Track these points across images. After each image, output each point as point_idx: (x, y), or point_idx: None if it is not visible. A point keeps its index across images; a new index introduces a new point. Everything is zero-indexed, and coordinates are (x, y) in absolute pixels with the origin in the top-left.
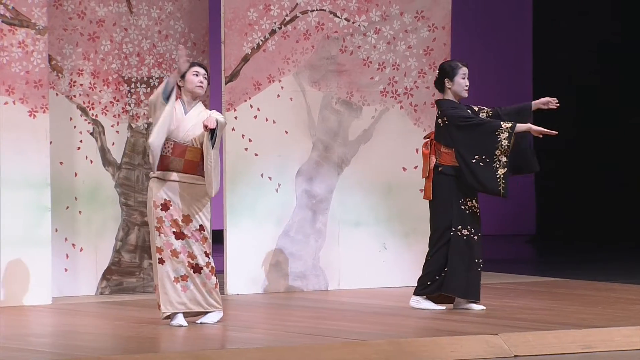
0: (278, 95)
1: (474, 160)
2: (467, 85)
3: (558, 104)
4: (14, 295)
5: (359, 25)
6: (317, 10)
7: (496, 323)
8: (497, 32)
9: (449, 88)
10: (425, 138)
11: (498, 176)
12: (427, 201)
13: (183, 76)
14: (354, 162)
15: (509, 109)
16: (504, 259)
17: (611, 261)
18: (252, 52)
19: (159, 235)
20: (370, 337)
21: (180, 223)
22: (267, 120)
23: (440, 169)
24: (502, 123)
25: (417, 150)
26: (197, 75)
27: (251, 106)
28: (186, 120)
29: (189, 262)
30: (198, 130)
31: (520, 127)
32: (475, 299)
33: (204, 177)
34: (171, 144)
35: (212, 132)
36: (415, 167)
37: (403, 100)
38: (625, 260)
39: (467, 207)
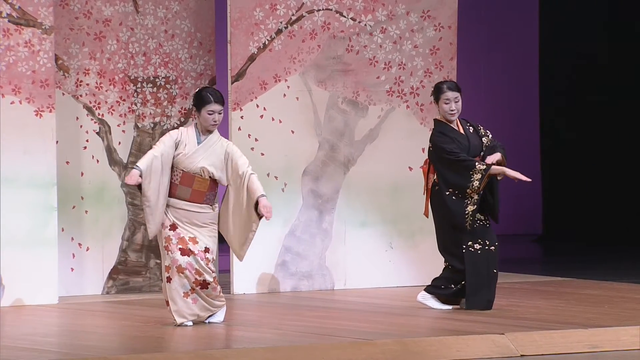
0: (284, 95)
1: (447, 193)
2: (452, 110)
3: (530, 180)
4: (21, 294)
5: (365, 25)
6: (323, 9)
7: (502, 323)
8: (503, 30)
9: (438, 109)
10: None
11: (467, 212)
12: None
13: (199, 109)
14: (360, 162)
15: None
16: (511, 259)
17: (618, 261)
18: (258, 52)
19: (167, 253)
20: (377, 337)
21: (187, 241)
22: (273, 119)
23: (437, 187)
24: (477, 164)
25: (423, 150)
26: (211, 114)
27: (257, 106)
28: (198, 150)
29: (196, 279)
30: (208, 162)
31: (495, 169)
32: (490, 307)
33: (210, 205)
34: (180, 173)
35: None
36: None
37: (409, 100)
38: (631, 260)
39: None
